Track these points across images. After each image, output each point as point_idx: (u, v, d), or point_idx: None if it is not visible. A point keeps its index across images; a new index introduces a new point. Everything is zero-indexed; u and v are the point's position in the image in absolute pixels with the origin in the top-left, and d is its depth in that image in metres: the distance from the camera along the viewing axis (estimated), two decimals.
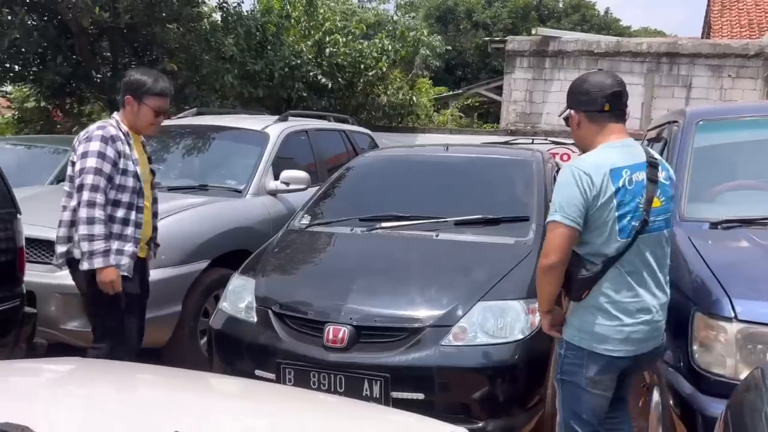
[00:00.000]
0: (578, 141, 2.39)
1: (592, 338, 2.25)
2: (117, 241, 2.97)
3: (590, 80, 2.31)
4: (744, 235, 2.84)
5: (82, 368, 1.99)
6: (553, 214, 2.20)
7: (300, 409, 1.82)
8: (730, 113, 3.85)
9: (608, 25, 26.15)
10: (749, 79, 11.88)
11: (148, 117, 3.08)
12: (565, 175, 2.22)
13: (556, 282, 2.25)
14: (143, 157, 3.20)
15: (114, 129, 3.02)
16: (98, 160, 2.90)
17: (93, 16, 8.73)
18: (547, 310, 2.37)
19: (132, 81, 3.08)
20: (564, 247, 2.18)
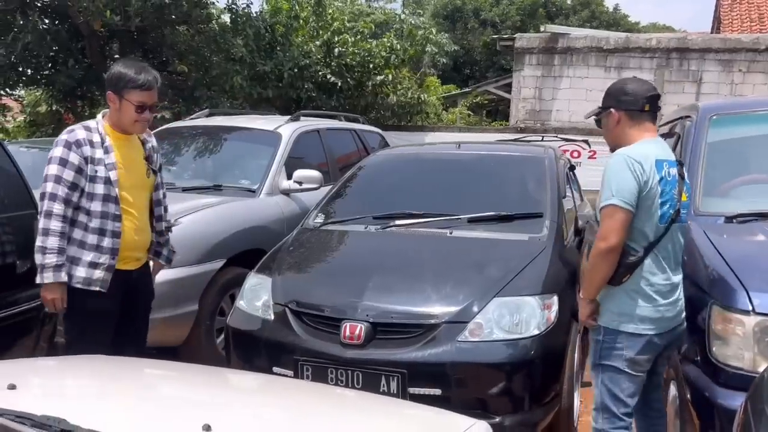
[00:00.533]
0: (614, 138, 2.56)
1: (632, 320, 2.40)
2: (92, 253, 2.76)
3: (631, 83, 2.55)
4: (760, 229, 2.84)
5: (106, 365, 2.03)
6: (610, 198, 2.33)
7: (322, 403, 1.84)
8: (744, 107, 3.84)
9: (617, 22, 26.05)
10: (760, 73, 11.80)
11: (130, 114, 2.79)
12: (617, 163, 2.37)
13: (612, 265, 2.36)
14: (134, 158, 2.92)
15: (83, 132, 2.78)
16: (59, 167, 2.71)
17: (104, 19, 8.81)
18: (593, 299, 2.47)
19: (112, 75, 2.82)
20: (622, 230, 2.32)
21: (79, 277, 2.76)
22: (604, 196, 2.37)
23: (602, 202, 2.37)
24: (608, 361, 2.46)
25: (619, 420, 2.48)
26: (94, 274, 2.77)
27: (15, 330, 3.22)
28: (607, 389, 2.49)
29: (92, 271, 2.76)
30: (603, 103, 2.59)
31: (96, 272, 2.77)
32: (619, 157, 2.39)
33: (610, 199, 2.33)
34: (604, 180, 2.40)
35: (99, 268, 2.77)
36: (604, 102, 2.59)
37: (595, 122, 2.68)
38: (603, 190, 2.39)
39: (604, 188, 2.39)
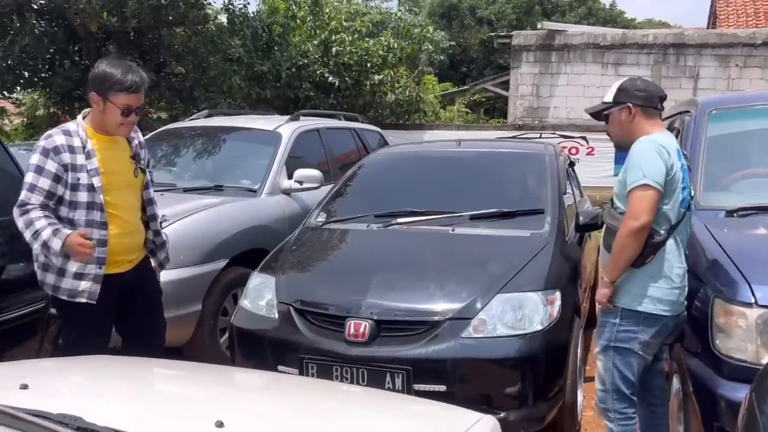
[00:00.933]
0: (626, 132, 2.65)
1: (651, 301, 2.51)
2: (77, 263, 2.65)
3: (643, 82, 2.68)
4: (761, 222, 2.86)
5: (114, 364, 2.04)
6: (642, 179, 2.43)
7: (329, 399, 1.86)
8: (742, 102, 3.86)
9: (613, 18, 26.07)
10: (757, 68, 11.85)
11: (115, 117, 2.66)
12: (645, 147, 2.49)
13: (641, 244, 2.44)
14: (120, 159, 2.80)
15: (62, 137, 2.66)
16: (34, 175, 2.60)
17: (101, 20, 8.82)
18: (616, 280, 2.55)
19: (96, 75, 2.66)
20: (652, 210, 2.42)
21: (65, 289, 2.69)
22: (634, 176, 2.45)
23: (633, 183, 2.45)
24: (622, 343, 2.56)
25: (628, 400, 2.61)
26: (79, 285, 2.68)
27: (19, 332, 3.23)
28: (619, 371, 2.58)
29: (77, 282, 2.68)
30: (615, 98, 2.67)
31: (82, 283, 2.68)
32: (646, 142, 2.50)
33: (642, 180, 2.42)
34: (632, 163, 2.49)
35: (85, 279, 2.68)
36: (618, 97, 2.66)
37: (603, 117, 2.75)
38: (631, 172, 2.47)
39: (632, 170, 2.47)
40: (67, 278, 2.67)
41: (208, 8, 10.40)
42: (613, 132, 2.73)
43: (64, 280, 2.68)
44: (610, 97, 2.70)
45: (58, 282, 2.70)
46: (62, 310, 2.76)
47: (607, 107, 2.71)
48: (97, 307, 2.73)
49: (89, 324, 2.76)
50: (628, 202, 2.47)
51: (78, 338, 2.78)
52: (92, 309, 2.72)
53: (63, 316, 2.78)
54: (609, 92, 2.73)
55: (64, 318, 2.80)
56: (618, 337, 2.57)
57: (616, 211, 2.61)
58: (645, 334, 2.53)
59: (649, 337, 2.54)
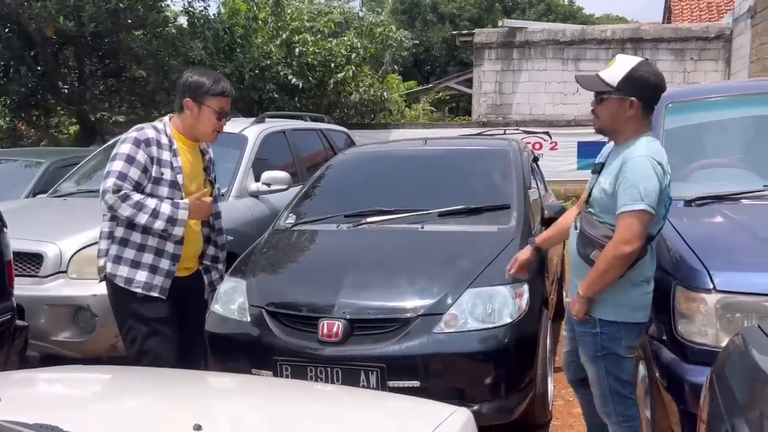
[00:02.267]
0: (617, 123, 2.43)
1: (627, 310, 2.45)
2: (152, 256, 2.70)
3: (657, 75, 2.45)
4: (717, 211, 2.96)
5: (86, 374, 2.02)
6: (639, 203, 2.28)
7: (306, 398, 1.87)
8: (698, 94, 3.98)
9: (572, 15, 26.50)
10: (711, 61, 12.19)
11: (211, 120, 2.77)
12: (644, 165, 2.31)
13: (625, 268, 2.35)
14: (196, 166, 2.88)
15: (153, 132, 2.72)
16: (125, 165, 2.62)
17: (57, 25, 8.63)
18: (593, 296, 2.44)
19: (191, 82, 2.76)
20: (645, 234, 2.32)
21: (140, 281, 2.69)
22: (629, 198, 2.29)
23: (629, 205, 2.29)
24: (610, 350, 2.47)
25: (629, 400, 2.57)
26: (154, 279, 2.70)
27: None
28: (614, 376, 2.51)
29: (152, 275, 2.70)
30: (621, 85, 2.37)
31: (156, 277, 2.70)
32: (645, 159, 2.32)
33: (639, 204, 2.27)
34: (629, 181, 2.31)
35: (159, 273, 2.71)
36: (623, 86, 2.37)
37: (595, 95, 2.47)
38: (626, 191, 2.30)
39: (628, 189, 2.30)
40: (143, 270, 2.69)
41: (168, 11, 10.27)
42: (603, 117, 2.46)
43: (138, 272, 2.69)
44: (614, 78, 2.39)
45: (131, 274, 2.69)
46: (129, 308, 2.72)
47: (607, 91, 2.41)
48: (164, 306, 2.75)
49: (161, 322, 2.75)
50: (621, 225, 2.31)
51: (148, 336, 2.74)
52: (160, 307, 2.73)
53: (132, 314, 2.71)
54: (613, 70, 2.42)
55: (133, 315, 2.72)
56: (603, 346, 2.48)
57: (596, 218, 2.45)
58: (627, 340, 2.48)
59: (632, 341, 2.51)
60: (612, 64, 2.45)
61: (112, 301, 2.83)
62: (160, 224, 2.63)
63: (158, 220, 2.62)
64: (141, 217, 2.61)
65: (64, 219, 4.37)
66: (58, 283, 3.78)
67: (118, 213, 2.62)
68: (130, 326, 2.76)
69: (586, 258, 2.46)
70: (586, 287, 2.43)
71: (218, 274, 3.10)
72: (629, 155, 2.36)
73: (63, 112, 11.71)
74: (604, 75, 2.43)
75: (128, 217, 2.62)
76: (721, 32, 12.05)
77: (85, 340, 3.74)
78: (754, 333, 1.82)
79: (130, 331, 2.76)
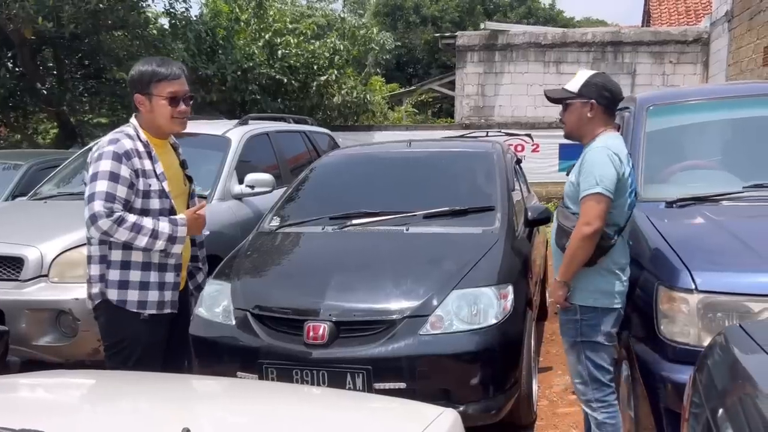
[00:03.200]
0: (581, 126, 2.71)
1: (604, 296, 2.64)
2: (158, 273, 2.55)
3: (611, 82, 2.72)
4: (698, 212, 3.00)
5: (73, 379, 2.00)
6: (595, 187, 2.52)
7: (294, 401, 1.87)
8: (678, 97, 4.04)
9: (553, 18, 26.71)
10: (689, 64, 12.36)
11: (165, 110, 2.53)
12: (599, 155, 2.57)
13: (593, 248, 2.56)
14: (174, 165, 2.72)
15: (129, 141, 2.51)
16: (110, 183, 2.41)
17: (35, 25, 8.52)
18: (569, 279, 2.64)
19: (134, 75, 2.56)
20: (604, 215, 2.54)
21: (153, 302, 2.54)
22: (587, 184, 2.54)
23: (587, 190, 2.54)
24: (588, 337, 2.66)
25: (607, 387, 2.70)
26: (165, 296, 2.56)
27: None
28: (592, 362, 2.68)
29: (163, 293, 2.56)
30: (581, 91, 2.68)
31: (166, 293, 2.57)
32: (600, 150, 2.58)
33: (595, 188, 2.52)
34: (586, 170, 2.57)
35: (167, 288, 2.57)
36: (584, 91, 2.67)
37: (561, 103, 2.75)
38: (585, 178, 2.56)
39: (586, 177, 2.56)
40: (153, 290, 2.54)
41: (149, 12, 10.19)
42: (569, 121, 2.75)
43: (149, 293, 2.54)
44: (575, 87, 2.70)
45: (143, 297, 2.53)
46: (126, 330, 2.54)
47: (570, 97, 2.72)
48: (161, 329, 2.61)
49: (157, 343, 2.60)
50: (582, 208, 2.56)
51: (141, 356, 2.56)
52: (157, 330, 2.59)
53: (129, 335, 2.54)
54: (574, 81, 2.73)
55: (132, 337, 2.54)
56: (583, 332, 2.67)
57: (568, 211, 2.69)
58: (606, 326, 2.65)
59: (610, 327, 2.66)
60: (574, 77, 2.77)
61: (108, 325, 2.60)
62: (161, 245, 2.49)
63: (158, 240, 2.48)
64: (140, 239, 2.44)
65: (44, 222, 4.31)
66: (39, 287, 3.73)
67: (113, 238, 2.43)
68: (125, 347, 2.58)
69: (563, 248, 2.67)
70: (561, 272, 2.66)
71: (203, 275, 3.02)
72: (588, 148, 2.67)
73: (43, 114, 11.56)
74: (568, 86, 2.75)
75: (125, 242, 2.45)
76: (699, 36, 12.23)
77: (67, 344, 3.69)
78: (736, 332, 1.85)
79: (123, 351, 2.58)
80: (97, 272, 2.54)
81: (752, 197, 3.11)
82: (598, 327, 2.65)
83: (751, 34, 9.48)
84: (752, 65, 9.40)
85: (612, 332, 2.68)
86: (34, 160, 6.34)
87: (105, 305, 2.56)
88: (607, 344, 2.68)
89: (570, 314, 2.70)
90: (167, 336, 2.70)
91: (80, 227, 3.66)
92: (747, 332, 1.80)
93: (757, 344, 1.70)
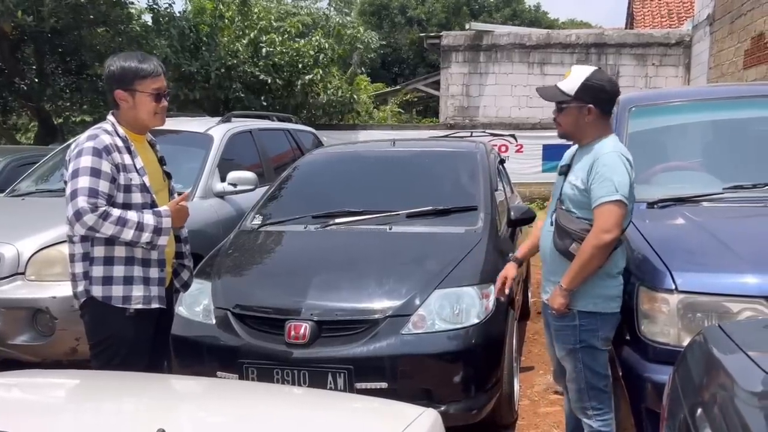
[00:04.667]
0: (578, 129, 2.61)
1: (604, 300, 2.56)
2: (142, 268, 2.53)
3: (609, 83, 2.62)
4: (679, 213, 3.03)
5: (46, 379, 1.96)
6: (614, 194, 2.44)
7: (272, 401, 1.85)
8: (660, 99, 4.07)
9: (538, 20, 26.87)
10: (672, 66, 12.49)
11: (149, 105, 2.56)
12: (614, 160, 2.49)
13: (607, 256, 2.49)
14: (153, 161, 2.71)
15: (108, 137, 2.49)
16: (92, 179, 2.39)
17: (15, 20, 8.40)
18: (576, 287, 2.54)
19: (115, 71, 2.55)
20: (622, 223, 2.47)
21: (138, 297, 2.52)
22: (605, 190, 2.44)
23: (605, 197, 2.44)
24: (586, 343, 2.58)
25: (603, 393, 2.64)
26: (150, 290, 2.55)
27: None
28: (589, 368, 2.60)
29: (148, 287, 2.54)
30: (578, 94, 2.55)
31: (152, 288, 2.55)
32: (615, 155, 2.49)
33: (615, 194, 2.43)
34: (602, 175, 2.46)
35: (152, 283, 2.56)
36: (580, 94, 2.55)
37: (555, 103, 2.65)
38: (601, 184, 2.45)
39: (602, 183, 2.45)
40: (137, 285, 2.52)
41: (132, 8, 10.08)
42: (565, 123, 2.63)
43: (134, 287, 2.52)
44: (571, 88, 2.56)
45: (127, 292, 2.51)
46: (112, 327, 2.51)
47: (568, 100, 2.57)
48: (150, 326, 2.59)
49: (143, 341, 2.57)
50: (600, 215, 2.45)
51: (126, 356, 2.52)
52: (146, 327, 2.56)
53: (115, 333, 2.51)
54: (569, 80, 2.58)
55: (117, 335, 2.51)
56: (581, 338, 2.58)
57: (572, 215, 2.57)
58: (604, 331, 2.58)
59: (608, 332, 2.60)
60: (568, 75, 2.62)
61: (93, 322, 2.57)
62: (147, 237, 2.47)
63: (144, 233, 2.46)
64: (126, 233, 2.43)
65: (22, 219, 4.24)
66: (15, 285, 3.66)
67: (99, 233, 2.41)
68: (110, 345, 2.55)
69: (565, 251, 2.55)
70: (569, 279, 2.52)
71: (188, 273, 2.94)
72: (599, 152, 2.53)
73: (23, 110, 11.41)
74: (562, 86, 2.60)
75: (111, 236, 2.42)
76: (681, 39, 12.36)
77: (44, 343, 3.64)
78: (715, 333, 1.86)
79: (109, 349, 2.55)
80: (81, 270, 2.52)
81: (732, 198, 3.14)
82: (596, 332, 2.57)
83: (732, 38, 9.59)
84: (733, 68, 9.52)
85: (610, 337, 2.62)
86: (13, 157, 6.24)
87: (90, 302, 2.53)
88: (604, 349, 2.62)
89: (567, 320, 2.60)
90: (153, 334, 2.67)
91: (58, 225, 3.64)
92: (725, 332, 1.81)
93: (735, 344, 1.71)
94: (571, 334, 2.61)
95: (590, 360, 2.60)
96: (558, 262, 2.61)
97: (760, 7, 8.49)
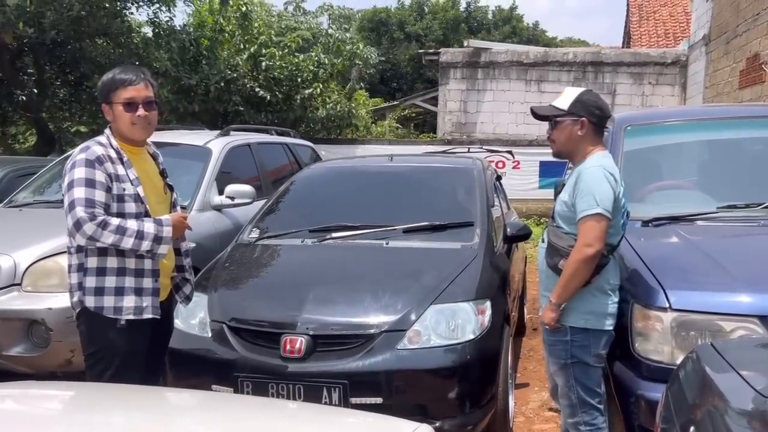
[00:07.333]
0: (571, 144, 2.67)
1: (596, 317, 2.59)
2: (134, 278, 2.52)
3: (600, 100, 2.70)
4: (673, 231, 3.05)
5: (40, 390, 1.96)
6: (595, 207, 2.48)
7: (267, 415, 1.85)
8: (655, 118, 4.11)
9: (536, 38, 27.07)
10: (668, 85, 12.58)
11: (123, 116, 2.54)
12: (596, 175, 2.53)
13: (592, 269, 2.52)
14: (152, 172, 2.72)
15: (101, 148, 2.52)
16: (87, 189, 2.41)
17: (16, 31, 8.44)
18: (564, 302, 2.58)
19: (99, 87, 2.62)
20: (604, 237, 2.50)
21: (129, 308, 2.51)
22: (586, 204, 2.50)
23: (586, 211, 2.49)
24: (578, 359, 2.62)
25: (596, 410, 2.65)
26: (143, 301, 2.54)
27: None
28: (582, 384, 2.63)
29: (140, 298, 2.53)
30: (571, 108, 2.64)
31: (144, 298, 2.54)
32: (596, 170, 2.54)
33: (595, 208, 2.48)
34: (583, 190, 2.52)
35: (145, 293, 2.55)
36: (574, 109, 2.63)
37: (548, 120, 2.71)
38: (582, 198, 2.51)
39: (583, 197, 2.51)
40: (128, 296, 2.52)
41: (132, 20, 10.15)
42: (558, 140, 2.70)
43: (125, 298, 2.51)
44: (564, 104, 2.65)
45: (118, 302, 2.51)
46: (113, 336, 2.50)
47: (560, 114, 2.67)
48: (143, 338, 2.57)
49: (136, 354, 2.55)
50: (582, 229, 2.51)
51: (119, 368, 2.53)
52: (138, 339, 2.55)
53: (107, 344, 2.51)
54: (562, 98, 2.68)
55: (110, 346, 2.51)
56: (573, 354, 2.62)
57: (560, 231, 2.64)
58: (596, 348, 2.61)
59: (600, 349, 2.62)
60: (562, 94, 2.73)
61: (87, 333, 2.58)
62: (147, 245, 2.48)
63: (144, 241, 2.47)
64: (126, 241, 2.44)
65: (19, 230, 4.25)
66: (11, 295, 3.66)
67: (100, 242, 2.42)
68: (103, 356, 2.56)
69: (555, 268, 2.61)
70: (557, 294, 2.57)
71: (190, 287, 2.96)
72: (582, 168, 2.61)
73: (22, 120, 11.43)
74: (556, 103, 2.70)
75: (111, 244, 2.43)
76: (677, 58, 12.47)
77: (39, 355, 3.63)
78: (707, 351, 1.87)
79: (102, 360, 2.56)
80: (76, 280, 2.54)
81: (726, 218, 3.18)
82: (588, 348, 2.59)
83: (727, 58, 9.68)
84: (728, 88, 9.60)
85: (602, 354, 2.63)
86: (11, 167, 6.25)
87: (84, 313, 2.55)
88: (597, 366, 2.63)
89: (560, 335, 2.64)
90: (148, 346, 2.66)
91: (55, 236, 3.65)
92: (718, 351, 1.83)
93: (727, 363, 1.72)
94: (562, 349, 2.64)
95: (582, 376, 2.62)
96: (550, 278, 2.66)
97: (756, 28, 8.59)
